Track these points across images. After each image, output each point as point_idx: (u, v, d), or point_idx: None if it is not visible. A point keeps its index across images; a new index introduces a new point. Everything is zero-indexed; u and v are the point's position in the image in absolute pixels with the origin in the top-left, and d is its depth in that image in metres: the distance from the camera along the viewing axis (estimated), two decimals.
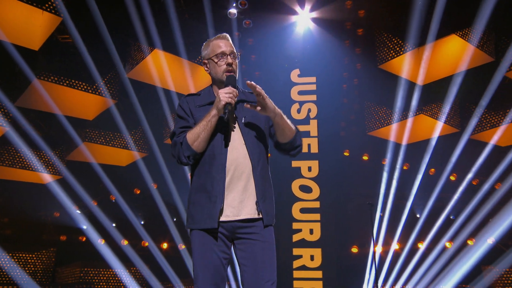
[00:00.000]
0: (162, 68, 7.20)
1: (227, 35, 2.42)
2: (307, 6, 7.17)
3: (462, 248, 8.20)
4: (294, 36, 7.60)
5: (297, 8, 7.19)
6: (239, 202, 2.16)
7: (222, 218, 2.14)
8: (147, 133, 8.51)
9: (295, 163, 7.20)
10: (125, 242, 8.83)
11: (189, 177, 2.36)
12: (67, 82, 7.12)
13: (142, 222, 9.69)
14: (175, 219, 9.82)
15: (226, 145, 2.21)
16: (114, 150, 8.67)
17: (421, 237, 8.61)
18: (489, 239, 8.36)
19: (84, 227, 9.08)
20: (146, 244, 9.16)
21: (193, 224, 2.19)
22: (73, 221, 9.01)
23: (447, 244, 8.65)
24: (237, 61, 2.37)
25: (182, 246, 9.25)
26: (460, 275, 7.80)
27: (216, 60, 2.32)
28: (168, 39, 6.75)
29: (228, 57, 2.31)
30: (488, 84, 7.65)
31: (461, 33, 7.05)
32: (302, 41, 7.59)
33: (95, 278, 8.37)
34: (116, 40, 6.71)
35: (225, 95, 2.12)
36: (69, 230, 9.25)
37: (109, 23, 6.45)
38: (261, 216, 2.18)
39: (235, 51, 2.37)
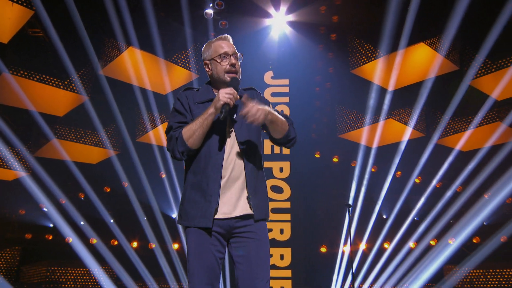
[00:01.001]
0: (137, 66, 7.15)
1: (229, 36, 2.44)
2: (283, 8, 7.28)
3: (428, 248, 8.51)
4: (269, 39, 7.70)
5: (272, 11, 7.29)
6: (235, 200, 2.19)
7: (217, 216, 2.15)
8: (120, 130, 8.43)
9: (267, 164, 7.29)
10: (94, 241, 8.69)
11: (184, 174, 2.37)
12: (38, 77, 6.97)
13: (112, 221, 9.56)
14: (145, 218, 9.75)
15: (223, 145, 2.23)
16: (85, 147, 8.53)
17: (388, 237, 8.88)
18: (450, 240, 8.72)
19: (51, 225, 8.89)
20: (116, 242, 9.05)
21: (187, 221, 2.20)
22: (39, 219, 8.81)
23: (411, 245, 8.96)
24: (239, 62, 2.38)
25: (152, 245, 9.19)
26: (427, 275, 8.10)
27: (219, 61, 2.33)
28: (144, 37, 6.71)
29: (232, 57, 2.33)
30: (453, 92, 8.00)
31: (429, 41, 7.33)
32: (277, 43, 7.70)
33: (63, 277, 8.21)
34: (91, 36, 6.62)
35: (225, 95, 2.13)
36: (35, 228, 9.03)
37: (84, 18, 6.36)
38: (252, 211, 2.19)
39: (237, 52, 2.39)
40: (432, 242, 8.87)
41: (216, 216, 2.15)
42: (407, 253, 8.52)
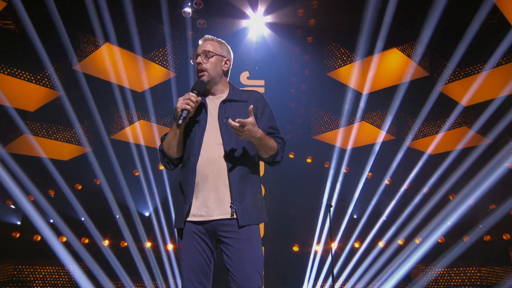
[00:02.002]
0: (113, 62, 7.05)
1: (208, 36, 2.44)
2: (261, 9, 7.33)
3: (398, 249, 8.77)
4: (247, 39, 7.75)
5: (249, 11, 7.34)
6: (214, 202, 2.15)
7: (197, 219, 2.16)
8: (94, 127, 8.29)
9: None
10: (64, 239, 8.53)
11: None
12: (8, 70, 6.77)
13: (83, 218, 9.39)
14: (118, 216, 9.63)
15: (200, 147, 2.21)
16: (56, 144, 8.33)
17: (360, 237, 9.10)
18: (417, 239, 9.02)
19: (18, 222, 8.65)
20: (87, 241, 8.91)
21: (174, 223, 2.27)
22: (6, 216, 8.56)
23: (380, 244, 9.21)
24: (213, 58, 2.32)
25: (124, 244, 9.10)
26: (398, 275, 8.34)
27: (192, 62, 2.39)
28: (121, 33, 6.63)
29: (199, 57, 2.32)
30: (423, 97, 8.29)
31: (402, 47, 7.54)
32: (255, 44, 7.76)
33: (31, 276, 8.00)
34: (66, 30, 6.48)
35: (182, 101, 2.14)
36: (1, 225, 8.77)
37: (60, 12, 6.21)
38: (235, 216, 2.13)
39: (209, 49, 2.33)
40: (400, 242, 9.15)
41: (192, 219, 2.17)
42: (378, 253, 8.76)
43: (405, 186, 9.20)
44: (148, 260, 8.53)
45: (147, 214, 9.34)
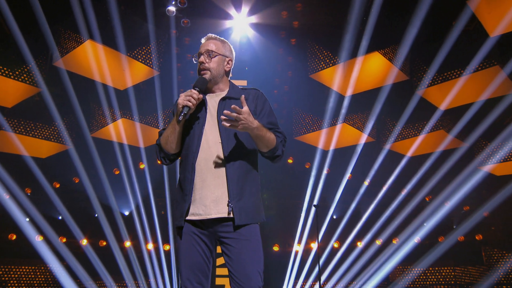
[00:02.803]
0: (95, 59, 6.93)
1: (211, 35, 2.45)
2: (244, 9, 7.35)
3: (379, 249, 8.94)
4: (231, 39, 7.76)
5: (233, 12, 7.34)
6: (212, 200, 2.14)
7: (195, 217, 2.16)
8: (73, 125, 8.15)
9: None
10: (40, 238, 8.36)
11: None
12: None
13: (60, 217, 9.24)
14: (96, 215, 9.50)
15: (199, 145, 2.20)
16: (34, 141, 8.16)
17: (341, 237, 9.23)
18: (394, 239, 9.21)
19: None
20: (64, 240, 8.75)
21: (173, 221, 2.27)
22: None
23: (358, 244, 9.37)
24: (216, 58, 2.33)
25: (103, 243, 8.98)
26: (379, 275, 8.50)
27: (195, 61, 2.39)
28: (104, 30, 6.54)
29: (202, 56, 2.33)
30: (403, 100, 8.47)
31: (383, 51, 7.68)
32: (238, 44, 7.78)
33: (5, 276, 7.82)
34: (49, 27, 6.33)
35: (184, 97, 2.13)
36: None
37: (43, 8, 6.07)
38: (232, 215, 2.12)
39: (213, 48, 2.34)
40: (378, 242, 9.33)
41: (191, 217, 2.17)
42: (358, 254, 8.92)
43: (383, 186, 9.38)
44: (129, 259, 8.45)
45: (126, 213, 9.25)
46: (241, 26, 7.62)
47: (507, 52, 7.00)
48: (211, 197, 2.15)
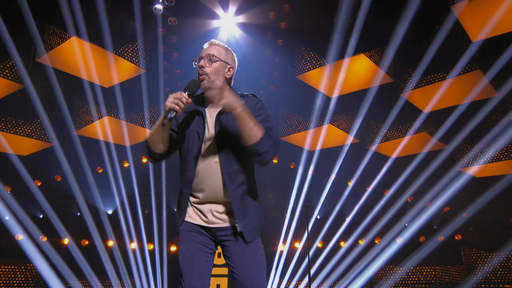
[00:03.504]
0: (80, 56, 6.82)
1: (214, 40, 2.39)
2: (232, 9, 7.34)
3: (363, 250, 9.06)
4: (218, 39, 7.73)
5: (220, 11, 7.33)
6: (213, 216, 2.16)
7: (194, 221, 2.19)
8: (56, 122, 8.01)
9: None
10: (20, 237, 8.21)
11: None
12: None
13: (41, 216, 9.09)
14: (78, 214, 9.38)
15: (196, 161, 2.17)
16: (15, 138, 7.99)
17: (326, 237, 9.32)
18: (376, 240, 9.35)
19: None
20: (45, 239, 8.61)
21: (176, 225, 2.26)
22: None
23: (342, 244, 9.47)
24: (216, 63, 2.27)
25: (85, 242, 8.88)
26: (366, 277, 8.61)
27: (195, 65, 2.34)
28: (89, 27, 6.43)
29: (202, 60, 2.28)
30: (387, 102, 8.59)
31: (369, 53, 7.77)
32: (225, 44, 7.74)
33: None
34: (34, 22, 6.20)
35: (172, 100, 2.05)
36: None
37: (29, 2, 5.93)
38: (240, 231, 2.13)
39: (214, 53, 2.29)
40: (360, 242, 9.45)
41: (189, 220, 2.20)
42: (342, 255, 9.02)
43: (366, 187, 9.50)
44: (114, 258, 8.38)
45: (110, 212, 9.15)
46: (228, 26, 7.61)
47: (488, 57, 7.18)
48: (211, 210, 2.17)
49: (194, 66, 2.34)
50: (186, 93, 2.10)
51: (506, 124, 7.96)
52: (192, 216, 2.20)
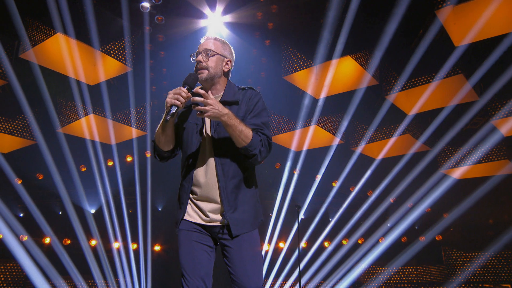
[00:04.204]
0: (64, 53, 6.69)
1: (211, 35, 2.40)
2: (219, 8, 7.32)
3: (352, 251, 9.16)
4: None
5: (207, 11, 7.30)
6: (208, 211, 2.16)
7: (192, 219, 2.19)
8: (38, 119, 7.86)
9: None
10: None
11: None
12: None
13: (22, 214, 8.92)
14: (60, 212, 9.24)
15: (196, 155, 2.19)
16: None
17: (311, 238, 9.38)
18: (359, 240, 9.46)
19: None
20: (25, 238, 8.46)
21: (175, 226, 2.27)
22: None
23: (325, 244, 9.55)
24: (214, 57, 2.27)
25: (67, 241, 8.75)
26: (352, 277, 8.70)
27: (193, 61, 2.32)
28: (75, 23, 6.32)
29: (200, 55, 2.27)
30: (371, 104, 8.70)
31: (355, 56, 7.84)
32: None
33: None
34: (18, 17, 6.06)
35: (172, 95, 2.06)
36: None
37: None
38: (227, 224, 2.14)
39: (211, 48, 2.29)
40: (344, 242, 9.54)
41: (187, 218, 2.20)
42: (331, 252, 9.10)
43: (350, 188, 9.59)
44: (99, 257, 8.29)
45: (93, 211, 9.04)
46: (215, 25, 7.59)
47: (471, 61, 7.33)
48: (207, 208, 2.17)
49: (192, 62, 2.33)
50: (185, 87, 2.10)
51: (488, 128, 8.16)
52: (191, 214, 2.21)
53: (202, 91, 2.01)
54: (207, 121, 2.26)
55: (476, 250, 9.74)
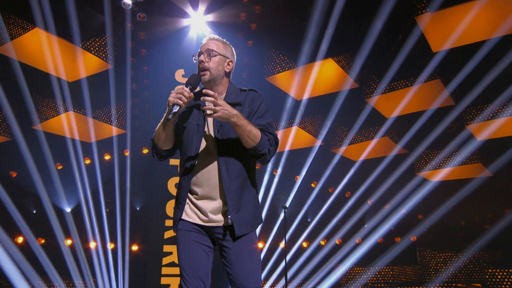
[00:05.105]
0: (42, 48, 6.53)
1: (213, 35, 2.39)
2: (201, 8, 7.29)
3: (332, 252, 9.25)
4: (187, 36, 7.67)
5: (190, 10, 7.27)
6: (210, 211, 2.16)
7: (191, 220, 2.19)
8: (12, 116, 7.63)
9: (173, 161, 7.24)
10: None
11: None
12: None
13: None
14: (34, 211, 9.02)
15: (196, 155, 2.18)
16: None
17: (291, 239, 9.45)
18: (337, 240, 9.58)
19: None
20: None
21: (172, 226, 2.26)
22: None
23: (304, 244, 9.63)
24: (216, 58, 2.28)
25: (41, 241, 8.55)
26: (334, 277, 8.78)
27: (195, 61, 2.33)
28: (55, 18, 6.17)
29: (202, 55, 2.28)
30: (351, 107, 8.83)
31: (336, 58, 7.93)
32: (195, 43, 7.69)
33: None
34: None
35: (174, 95, 2.05)
36: None
37: None
38: (231, 224, 2.13)
39: (213, 48, 2.30)
40: (322, 243, 9.65)
41: (186, 218, 2.20)
42: (311, 253, 9.18)
43: (328, 189, 9.70)
44: (64, 257, 8.14)
45: (68, 210, 8.86)
46: (198, 24, 7.56)
47: (447, 67, 7.54)
48: (208, 208, 2.17)
49: (194, 62, 2.33)
50: (188, 87, 2.11)
51: (463, 132, 8.41)
52: (189, 214, 2.20)
53: (211, 92, 2.01)
54: (210, 121, 2.26)
55: (449, 250, 10.01)
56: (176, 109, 2.04)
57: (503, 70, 6.77)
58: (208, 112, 1.99)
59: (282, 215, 9.69)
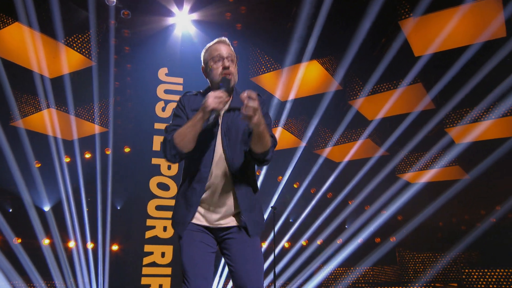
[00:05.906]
0: (23, 43, 6.37)
1: (226, 40, 2.34)
2: (186, 7, 7.25)
3: (316, 253, 9.31)
4: (171, 35, 7.61)
5: (175, 9, 7.22)
6: (222, 214, 2.18)
7: (201, 223, 2.18)
8: None
9: (155, 161, 7.16)
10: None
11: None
12: None
13: None
14: (11, 210, 8.84)
15: (211, 159, 2.18)
16: None
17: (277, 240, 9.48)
18: (319, 241, 9.66)
19: None
20: None
21: (173, 226, 2.25)
22: None
23: (286, 244, 9.68)
24: (236, 66, 2.28)
25: (18, 240, 8.37)
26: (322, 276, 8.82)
27: (212, 63, 2.27)
28: (36, 13, 6.02)
29: (225, 60, 2.24)
30: (334, 108, 8.91)
31: (321, 60, 7.98)
32: (180, 41, 7.63)
33: None
34: None
35: (214, 99, 2.02)
36: None
37: None
38: (245, 225, 2.17)
39: (234, 55, 2.30)
40: (304, 243, 9.72)
41: (196, 222, 2.19)
42: (296, 253, 9.23)
43: (311, 190, 9.77)
44: (44, 257, 8.01)
45: (46, 209, 8.69)
46: (183, 23, 7.51)
47: (429, 72, 7.68)
48: (220, 210, 2.19)
49: (214, 66, 2.28)
50: (223, 90, 2.11)
51: (442, 135, 8.58)
52: (197, 217, 2.20)
53: (255, 96, 1.98)
54: (219, 124, 2.25)
55: (427, 251, 10.22)
56: (214, 113, 2.03)
57: (483, 77, 6.94)
58: (248, 115, 1.96)
59: (267, 214, 9.75)
